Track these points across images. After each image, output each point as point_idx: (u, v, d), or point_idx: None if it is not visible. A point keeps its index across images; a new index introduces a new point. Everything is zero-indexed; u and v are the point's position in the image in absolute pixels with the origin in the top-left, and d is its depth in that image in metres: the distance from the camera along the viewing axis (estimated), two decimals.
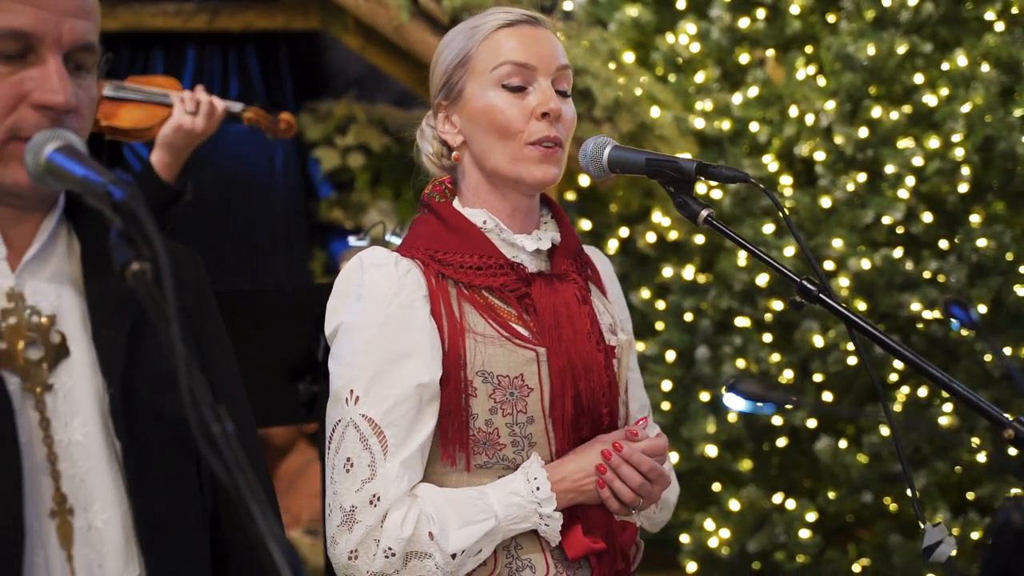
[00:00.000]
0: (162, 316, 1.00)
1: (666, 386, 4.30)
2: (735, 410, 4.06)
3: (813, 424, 4.24)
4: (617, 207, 4.56)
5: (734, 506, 4.18)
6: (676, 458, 4.21)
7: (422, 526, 1.61)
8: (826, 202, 4.23)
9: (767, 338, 4.29)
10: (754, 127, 4.35)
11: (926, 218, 4.21)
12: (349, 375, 1.66)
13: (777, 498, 4.22)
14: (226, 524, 1.47)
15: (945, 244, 4.23)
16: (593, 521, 1.70)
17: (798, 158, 4.35)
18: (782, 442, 4.29)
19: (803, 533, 4.14)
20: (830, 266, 4.20)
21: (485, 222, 1.74)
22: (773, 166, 4.32)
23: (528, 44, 1.73)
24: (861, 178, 4.22)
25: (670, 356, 4.32)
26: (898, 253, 4.18)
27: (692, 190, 1.70)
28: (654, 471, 1.70)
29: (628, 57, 4.50)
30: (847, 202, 4.21)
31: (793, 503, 4.20)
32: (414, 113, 3.97)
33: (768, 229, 4.25)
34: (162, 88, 2.84)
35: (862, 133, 4.19)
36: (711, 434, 4.22)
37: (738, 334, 4.26)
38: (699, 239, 4.38)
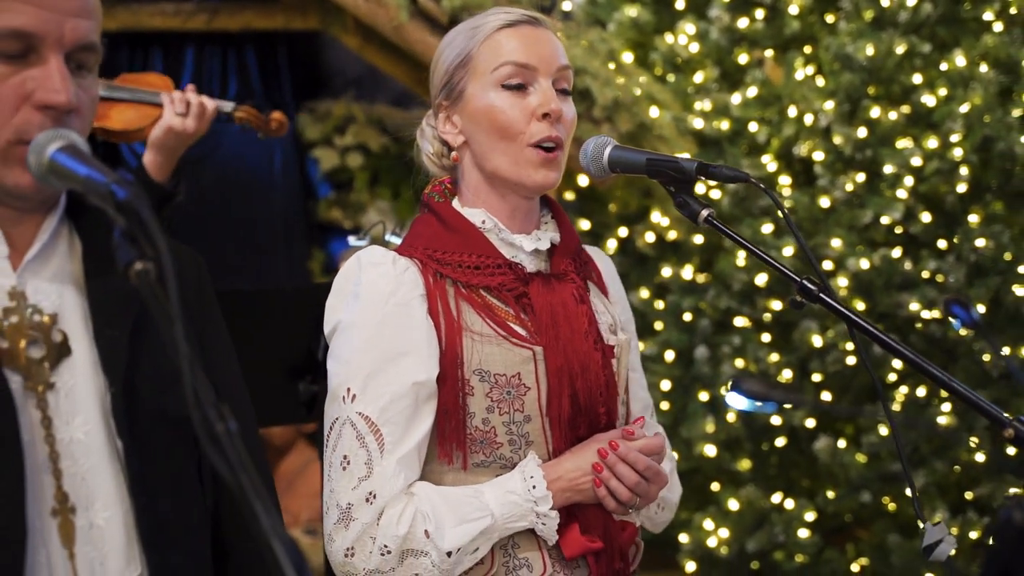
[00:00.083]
0: (165, 316, 1.01)
1: (665, 386, 4.29)
2: (738, 409, 4.06)
3: (812, 424, 4.24)
4: (616, 207, 4.56)
5: (733, 506, 4.18)
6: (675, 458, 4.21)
7: (418, 524, 1.61)
8: (825, 202, 4.23)
9: (766, 338, 4.29)
10: (753, 127, 4.35)
11: (925, 218, 4.21)
12: (346, 373, 1.66)
13: (776, 498, 4.22)
14: (227, 523, 1.47)
15: (944, 244, 4.23)
16: (591, 520, 1.70)
17: (797, 158, 4.35)
18: (781, 442, 4.29)
19: (802, 533, 4.14)
20: (829, 266, 4.20)
21: (484, 222, 1.75)
22: (772, 166, 4.33)
23: (529, 44, 1.73)
24: (860, 178, 4.22)
25: (669, 356, 4.32)
26: (897, 253, 4.18)
27: (692, 190, 1.70)
28: (650, 470, 1.69)
29: (627, 57, 4.50)
30: (846, 202, 4.21)
31: (792, 503, 4.20)
32: (413, 113, 3.96)
33: (767, 229, 4.25)
34: (154, 87, 2.79)
35: (861, 133, 4.19)
36: (710, 434, 4.22)
37: (737, 334, 4.26)
38: (698, 239, 4.38)
